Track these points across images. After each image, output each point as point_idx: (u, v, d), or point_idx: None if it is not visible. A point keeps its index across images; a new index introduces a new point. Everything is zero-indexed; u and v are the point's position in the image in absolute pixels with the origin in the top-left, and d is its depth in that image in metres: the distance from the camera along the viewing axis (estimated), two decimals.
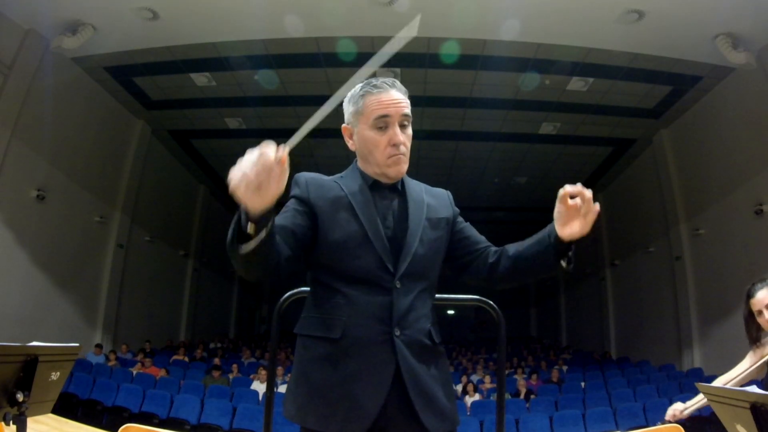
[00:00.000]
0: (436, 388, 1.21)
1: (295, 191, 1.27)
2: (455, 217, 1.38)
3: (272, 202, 0.92)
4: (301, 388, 1.20)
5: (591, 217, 1.10)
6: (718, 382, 2.08)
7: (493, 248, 1.34)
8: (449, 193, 1.43)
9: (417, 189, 1.34)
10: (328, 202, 1.24)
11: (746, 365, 2.02)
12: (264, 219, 0.94)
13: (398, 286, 1.20)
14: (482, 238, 1.38)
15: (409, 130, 1.26)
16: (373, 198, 1.27)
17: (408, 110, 1.25)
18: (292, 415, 1.18)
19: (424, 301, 1.25)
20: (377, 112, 1.22)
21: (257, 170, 0.86)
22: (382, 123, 1.22)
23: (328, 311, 1.20)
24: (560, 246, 1.16)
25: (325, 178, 1.31)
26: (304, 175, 1.30)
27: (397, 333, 1.17)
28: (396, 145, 1.22)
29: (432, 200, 1.34)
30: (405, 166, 1.26)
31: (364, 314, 1.17)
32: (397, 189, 1.30)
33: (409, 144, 1.26)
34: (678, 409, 2.05)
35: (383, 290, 1.19)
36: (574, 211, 1.11)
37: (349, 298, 1.19)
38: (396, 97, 1.23)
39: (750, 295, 1.93)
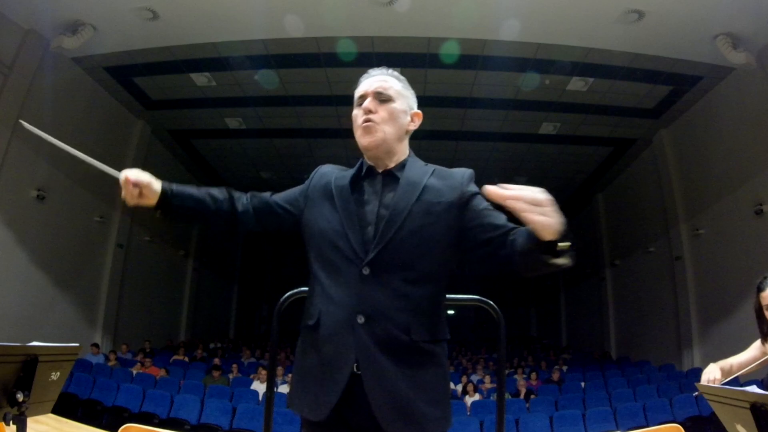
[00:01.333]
0: (410, 388, 1.11)
1: (306, 182, 1.36)
2: (464, 200, 1.22)
3: (147, 203, 1.23)
4: (293, 374, 1.27)
5: (544, 209, 0.91)
6: (721, 363, 2.01)
7: (510, 236, 1.12)
8: (468, 172, 1.29)
9: (418, 172, 1.26)
10: (319, 194, 1.29)
11: (750, 355, 1.99)
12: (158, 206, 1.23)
13: (366, 273, 1.14)
14: (500, 222, 1.17)
15: (393, 104, 1.26)
16: (363, 185, 1.26)
17: (383, 85, 1.27)
18: (287, 399, 1.26)
19: (407, 293, 1.14)
20: (357, 94, 1.31)
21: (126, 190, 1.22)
22: (360, 101, 1.29)
23: (310, 299, 1.24)
24: (543, 246, 0.97)
25: (338, 170, 1.34)
26: (319, 169, 1.37)
27: (361, 321, 1.12)
28: (365, 113, 1.25)
29: (437, 183, 1.24)
30: (378, 136, 1.23)
31: (333, 302, 1.17)
32: (393, 174, 1.26)
33: (385, 115, 1.25)
34: (716, 378, 1.87)
35: (352, 278, 1.16)
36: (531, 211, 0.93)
37: (323, 287, 1.20)
38: (376, 78, 1.29)
39: (761, 289, 1.88)
